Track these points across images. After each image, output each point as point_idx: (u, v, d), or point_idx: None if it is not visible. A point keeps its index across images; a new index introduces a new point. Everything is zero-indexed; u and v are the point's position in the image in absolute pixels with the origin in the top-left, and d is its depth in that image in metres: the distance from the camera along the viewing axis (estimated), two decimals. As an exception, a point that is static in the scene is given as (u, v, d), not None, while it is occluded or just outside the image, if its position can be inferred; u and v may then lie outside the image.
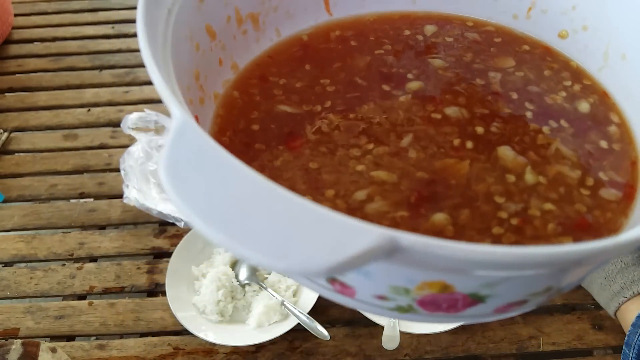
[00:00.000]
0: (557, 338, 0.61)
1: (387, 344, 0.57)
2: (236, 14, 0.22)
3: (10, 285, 0.70)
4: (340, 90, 0.22)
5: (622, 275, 0.56)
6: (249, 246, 0.13)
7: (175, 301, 0.61)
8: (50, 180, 0.83)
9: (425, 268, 0.16)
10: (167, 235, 0.74)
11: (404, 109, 0.22)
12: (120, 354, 0.62)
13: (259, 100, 0.22)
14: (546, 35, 0.24)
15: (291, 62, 0.23)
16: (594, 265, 0.20)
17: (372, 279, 0.17)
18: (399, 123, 0.21)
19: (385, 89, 0.22)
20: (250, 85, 0.22)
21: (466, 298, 0.17)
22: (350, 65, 0.23)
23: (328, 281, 0.18)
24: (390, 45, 0.24)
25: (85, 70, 1.06)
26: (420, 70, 0.24)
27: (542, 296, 0.19)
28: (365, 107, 0.22)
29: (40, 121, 0.94)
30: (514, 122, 0.22)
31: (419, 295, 0.17)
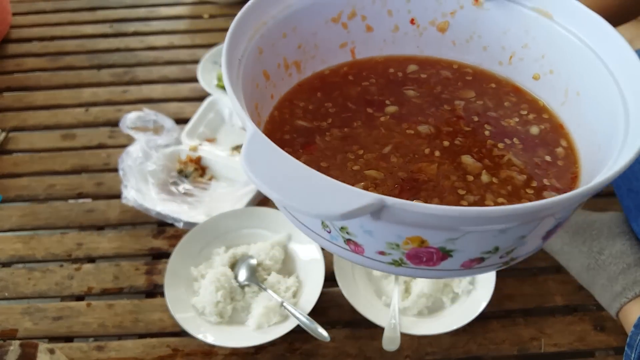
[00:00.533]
0: (558, 339, 0.60)
1: (388, 345, 0.56)
2: (284, 62, 0.31)
3: (8, 286, 0.69)
4: (338, 111, 0.31)
5: (624, 276, 0.56)
6: (294, 201, 0.21)
7: (174, 302, 0.61)
8: (48, 181, 0.83)
9: (406, 224, 0.23)
10: (166, 236, 0.74)
11: (384, 127, 0.29)
12: (119, 355, 0.61)
13: (288, 117, 0.30)
14: (523, 78, 0.31)
15: (310, 91, 0.31)
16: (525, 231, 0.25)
17: (374, 237, 0.24)
18: (380, 136, 0.29)
19: (369, 111, 0.30)
20: (284, 107, 0.31)
21: (438, 252, 0.24)
22: (346, 94, 0.31)
23: (345, 242, 0.25)
24: (375, 79, 0.32)
25: (83, 69, 1.05)
26: (396, 98, 0.31)
27: (493, 255, 0.26)
28: (355, 124, 0.30)
29: (38, 121, 0.94)
30: (474, 138, 0.29)
31: (406, 249, 0.24)
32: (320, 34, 0.31)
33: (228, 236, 0.68)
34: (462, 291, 0.62)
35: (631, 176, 0.57)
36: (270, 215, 0.69)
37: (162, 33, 1.14)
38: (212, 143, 0.84)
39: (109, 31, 1.15)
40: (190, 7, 1.21)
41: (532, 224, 0.24)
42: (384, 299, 0.62)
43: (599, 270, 0.58)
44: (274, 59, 0.30)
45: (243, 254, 0.66)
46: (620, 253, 0.57)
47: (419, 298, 0.61)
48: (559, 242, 0.61)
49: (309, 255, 0.65)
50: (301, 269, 0.65)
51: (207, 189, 0.76)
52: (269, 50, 0.29)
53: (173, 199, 0.74)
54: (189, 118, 0.86)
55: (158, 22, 1.17)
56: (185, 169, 0.80)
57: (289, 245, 0.67)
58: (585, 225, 0.61)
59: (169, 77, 1.02)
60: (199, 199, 0.74)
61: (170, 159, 0.80)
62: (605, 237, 0.59)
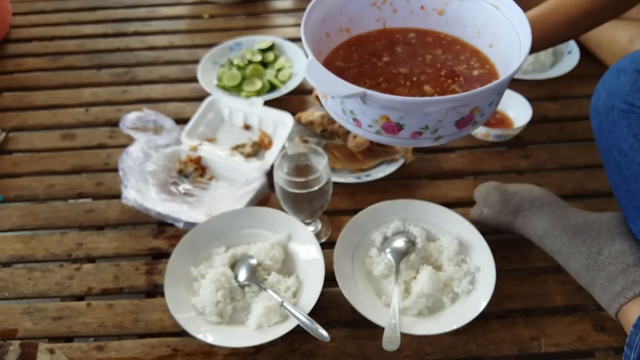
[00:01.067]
0: (558, 339, 0.60)
1: (388, 345, 0.56)
2: (339, 28, 0.49)
3: (8, 286, 0.69)
4: (359, 59, 0.48)
5: (623, 276, 0.56)
6: (325, 88, 0.38)
7: (174, 302, 0.61)
8: (48, 180, 0.83)
9: (379, 107, 0.39)
10: (166, 236, 0.74)
11: (380, 69, 0.47)
12: (119, 355, 0.61)
13: (333, 60, 0.48)
14: (483, 46, 0.49)
15: (348, 46, 0.49)
16: (440, 116, 0.41)
17: (365, 115, 0.41)
18: (377, 74, 0.47)
19: (373, 60, 0.48)
20: (333, 54, 0.48)
21: (396, 125, 0.41)
22: (365, 49, 0.49)
23: (353, 120, 0.42)
24: (383, 41, 0.50)
25: (83, 69, 1.05)
26: (390, 52, 0.49)
27: (426, 131, 0.41)
28: (365, 67, 0.48)
29: (38, 121, 0.94)
30: (434, 76, 0.46)
31: (381, 123, 0.41)
32: (363, 12, 0.49)
33: (228, 236, 0.68)
34: (462, 291, 0.62)
35: (630, 177, 0.57)
36: (270, 216, 0.69)
37: (162, 33, 1.14)
38: (212, 143, 0.84)
39: (109, 31, 1.15)
40: (190, 7, 1.22)
41: (439, 112, 0.40)
42: (383, 299, 0.62)
43: (598, 271, 0.58)
44: (333, 25, 0.48)
45: (243, 254, 0.66)
46: (620, 253, 0.57)
47: (419, 298, 0.61)
48: (558, 243, 0.61)
49: (309, 255, 0.65)
50: (301, 269, 0.65)
51: (207, 189, 0.76)
52: (330, 20, 0.48)
53: (173, 199, 0.74)
54: (189, 118, 0.86)
55: (158, 22, 1.17)
56: (185, 169, 0.79)
57: (289, 246, 0.67)
58: (585, 225, 0.61)
59: (169, 77, 1.02)
60: (199, 199, 0.74)
61: (170, 159, 0.80)
62: (605, 237, 0.59)
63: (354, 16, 0.48)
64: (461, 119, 0.39)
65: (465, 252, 0.66)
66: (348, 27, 0.48)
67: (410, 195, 0.76)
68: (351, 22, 0.48)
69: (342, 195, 0.77)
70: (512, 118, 0.85)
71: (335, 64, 0.46)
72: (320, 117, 0.81)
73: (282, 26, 1.13)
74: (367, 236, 0.68)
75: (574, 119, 0.88)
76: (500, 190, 0.66)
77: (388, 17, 0.49)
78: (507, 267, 0.67)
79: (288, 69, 0.98)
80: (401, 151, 0.79)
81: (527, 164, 0.81)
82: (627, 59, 0.58)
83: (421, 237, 0.66)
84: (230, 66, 0.99)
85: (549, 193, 0.65)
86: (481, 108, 0.40)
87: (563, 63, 0.95)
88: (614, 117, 0.57)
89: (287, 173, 0.64)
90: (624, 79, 0.57)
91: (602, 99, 0.59)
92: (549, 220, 0.62)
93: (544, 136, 0.85)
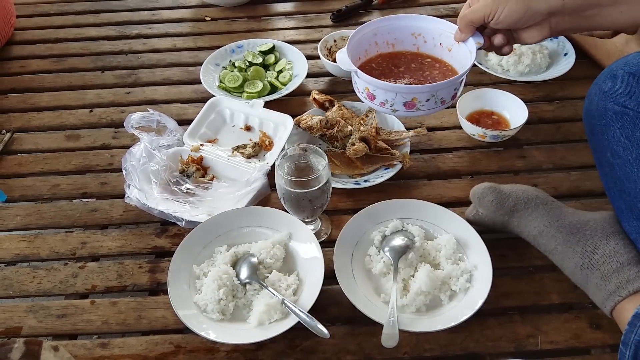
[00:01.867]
0: (555, 337, 0.61)
1: (387, 342, 0.57)
2: (386, 42, 0.69)
3: (13, 284, 0.70)
4: (383, 68, 0.67)
5: (617, 274, 0.57)
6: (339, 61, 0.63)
7: (177, 300, 0.62)
8: (52, 180, 0.84)
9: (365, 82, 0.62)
10: (169, 235, 0.75)
11: (392, 74, 0.67)
12: (122, 352, 0.62)
13: (366, 66, 0.67)
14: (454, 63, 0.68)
15: (380, 57, 0.69)
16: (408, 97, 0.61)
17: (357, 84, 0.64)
18: (391, 77, 0.66)
19: (391, 67, 0.68)
20: (368, 61, 0.68)
21: (372, 94, 0.62)
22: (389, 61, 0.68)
23: (367, 96, 0.63)
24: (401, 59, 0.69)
25: (87, 71, 1.06)
26: (407, 66, 0.68)
27: (387, 104, 0.62)
28: (383, 72, 0.67)
29: (42, 122, 0.95)
30: (417, 79, 0.66)
31: (365, 92, 0.63)
32: (404, 37, 0.69)
33: (229, 235, 0.69)
34: (459, 289, 0.63)
35: (623, 177, 0.58)
36: (271, 215, 0.70)
37: (165, 36, 1.15)
38: (213, 143, 0.86)
39: (113, 34, 1.16)
40: (192, 10, 1.23)
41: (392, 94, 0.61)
42: (382, 296, 0.63)
43: (593, 270, 0.58)
44: (382, 38, 0.69)
45: (244, 253, 0.67)
46: (614, 252, 0.58)
47: (417, 296, 0.62)
48: (552, 242, 0.62)
49: (309, 254, 0.66)
50: (301, 267, 0.66)
51: (208, 188, 0.78)
52: (379, 35, 0.69)
53: (175, 199, 0.75)
54: (191, 119, 0.87)
55: (161, 25, 1.18)
56: (187, 169, 0.81)
57: (289, 244, 0.68)
58: (579, 225, 0.62)
59: (172, 79, 1.03)
60: (201, 199, 0.75)
61: (172, 159, 0.81)
62: (599, 236, 0.60)
63: (398, 37, 0.69)
64: (406, 103, 0.62)
65: (462, 251, 0.67)
66: (393, 43, 0.70)
67: (408, 195, 0.77)
68: (395, 41, 0.69)
69: (342, 195, 0.78)
70: (508, 119, 0.87)
71: (370, 65, 0.68)
72: (319, 121, 0.82)
73: (282, 29, 1.15)
74: (366, 235, 0.69)
75: (570, 120, 0.89)
76: (495, 191, 0.67)
77: (420, 44, 0.70)
78: (503, 266, 0.68)
79: (288, 71, 0.99)
80: (399, 156, 0.81)
81: (524, 164, 0.82)
82: (620, 62, 0.59)
83: (419, 236, 0.67)
84: (232, 68, 1.01)
85: (544, 193, 0.66)
86: (419, 100, 0.62)
87: (559, 65, 0.97)
88: (607, 119, 0.58)
89: (287, 173, 0.65)
90: (616, 81, 0.58)
91: (595, 102, 0.60)
92: (544, 220, 0.63)
93: (540, 137, 0.86)
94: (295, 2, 1.23)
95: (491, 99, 0.88)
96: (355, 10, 1.17)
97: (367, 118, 0.86)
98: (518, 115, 0.85)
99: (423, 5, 1.19)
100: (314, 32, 1.12)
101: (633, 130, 0.56)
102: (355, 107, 0.90)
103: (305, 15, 1.19)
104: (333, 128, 0.83)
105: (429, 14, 1.15)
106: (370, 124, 0.84)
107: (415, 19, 0.68)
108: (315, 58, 1.02)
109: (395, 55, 0.68)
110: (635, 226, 0.58)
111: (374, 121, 0.85)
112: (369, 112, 0.87)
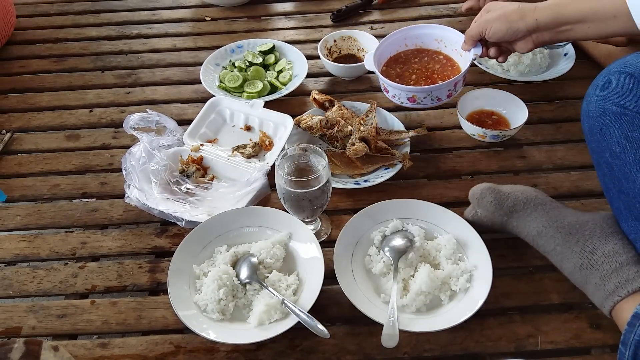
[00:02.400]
0: (555, 337, 0.61)
1: (387, 342, 0.57)
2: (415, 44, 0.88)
3: (13, 284, 0.70)
4: (404, 68, 0.86)
5: (616, 274, 0.57)
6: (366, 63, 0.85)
7: (177, 300, 0.62)
8: (52, 180, 0.84)
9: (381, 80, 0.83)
10: (169, 235, 0.75)
11: (404, 75, 0.86)
12: (122, 352, 0.62)
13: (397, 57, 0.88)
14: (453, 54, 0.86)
15: (409, 53, 0.88)
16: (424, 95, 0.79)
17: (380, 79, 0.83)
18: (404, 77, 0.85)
19: (397, 70, 0.86)
20: (387, 62, 0.87)
21: (386, 89, 0.82)
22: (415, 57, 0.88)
23: (384, 90, 0.83)
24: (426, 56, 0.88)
25: (87, 71, 1.06)
26: (422, 62, 0.87)
27: (396, 97, 0.81)
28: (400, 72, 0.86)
29: (42, 122, 0.95)
30: (426, 77, 0.84)
31: (383, 86, 0.83)
32: (430, 42, 0.87)
33: (229, 235, 0.69)
34: (459, 289, 0.63)
35: (622, 178, 0.58)
36: (271, 215, 0.70)
37: (165, 36, 1.15)
38: (213, 144, 0.86)
39: (113, 34, 1.16)
40: (192, 10, 1.23)
41: (399, 89, 0.80)
42: (382, 296, 0.63)
43: (592, 270, 0.58)
44: (410, 41, 0.87)
45: (244, 253, 0.67)
46: (613, 252, 0.58)
47: (417, 296, 0.62)
48: (552, 243, 0.62)
49: (309, 254, 0.66)
50: (301, 267, 0.66)
51: (208, 188, 0.78)
52: (409, 39, 0.87)
53: (175, 199, 0.75)
54: (191, 119, 0.87)
55: (161, 25, 1.18)
56: (187, 169, 0.81)
57: (289, 244, 0.68)
58: (578, 225, 0.62)
59: (172, 79, 1.03)
60: (201, 199, 0.75)
61: (172, 159, 0.81)
62: (598, 237, 0.60)
63: (425, 42, 0.87)
64: (409, 98, 0.79)
65: (462, 251, 0.67)
66: (420, 45, 0.87)
67: (408, 194, 0.77)
68: (422, 44, 0.87)
69: (342, 195, 0.78)
70: (508, 119, 0.87)
71: (399, 58, 0.87)
72: (319, 121, 0.82)
73: (282, 29, 1.15)
74: (366, 235, 0.69)
75: (570, 120, 0.89)
76: (494, 192, 0.67)
77: (442, 48, 0.86)
78: (503, 266, 0.68)
79: (288, 71, 0.99)
80: (399, 157, 0.81)
81: (524, 164, 0.82)
82: (618, 63, 0.59)
83: (419, 236, 0.67)
84: (232, 68, 1.01)
85: (543, 194, 0.66)
86: (418, 97, 0.78)
87: (559, 65, 0.97)
88: (606, 120, 0.58)
89: (287, 173, 0.65)
90: (615, 82, 0.58)
91: (594, 102, 0.60)
92: (543, 221, 0.63)
93: (540, 137, 0.87)
94: (295, 2, 1.23)
95: (491, 99, 0.88)
96: (355, 10, 1.17)
97: (367, 118, 0.86)
98: (518, 116, 0.85)
99: (423, 5, 1.19)
100: (314, 32, 1.12)
101: (632, 130, 0.56)
102: (355, 107, 0.90)
103: (305, 15, 1.19)
104: (333, 128, 0.83)
105: (429, 13, 1.16)
106: (370, 124, 0.84)
107: (439, 29, 0.85)
108: (315, 58, 1.02)
109: (421, 51, 0.87)
110: (634, 226, 0.58)
111: (374, 121, 0.85)
112: (369, 112, 0.87)
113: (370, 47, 1.01)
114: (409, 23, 1.13)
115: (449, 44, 0.84)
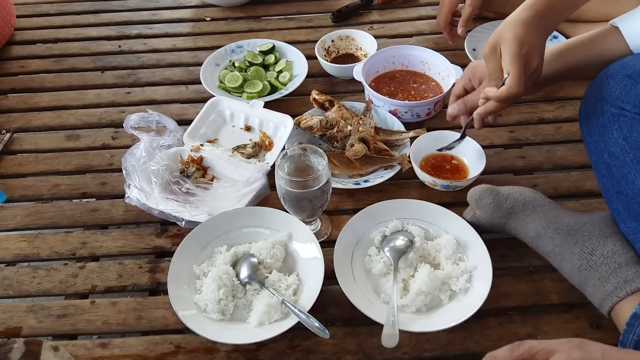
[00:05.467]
0: (555, 337, 0.61)
1: (387, 342, 0.57)
2: (402, 63, 0.98)
3: (13, 284, 0.70)
4: (395, 78, 0.96)
5: (615, 275, 0.57)
6: (355, 73, 0.92)
7: (177, 300, 0.62)
8: (52, 181, 0.84)
9: (367, 92, 0.91)
10: (169, 235, 0.75)
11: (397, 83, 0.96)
12: (122, 352, 0.62)
13: (386, 75, 0.97)
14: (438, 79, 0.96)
15: (395, 73, 0.97)
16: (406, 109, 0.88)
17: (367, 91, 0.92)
18: (393, 93, 0.94)
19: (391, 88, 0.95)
20: (377, 80, 0.96)
21: (371, 100, 0.91)
22: (402, 77, 0.97)
23: (369, 99, 0.92)
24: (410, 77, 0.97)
25: (87, 71, 1.06)
26: (408, 84, 0.96)
27: (379, 107, 0.90)
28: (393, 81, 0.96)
29: (42, 122, 0.95)
30: (413, 95, 0.92)
31: (369, 96, 0.92)
32: (416, 63, 0.96)
33: (229, 235, 0.69)
34: (459, 289, 0.63)
35: (620, 179, 0.58)
36: (271, 215, 0.70)
37: (165, 36, 1.15)
38: (213, 144, 0.86)
39: (113, 34, 1.16)
40: (192, 10, 1.23)
41: (382, 102, 0.88)
42: (382, 296, 0.63)
43: (591, 271, 0.58)
44: (398, 60, 0.97)
45: (244, 253, 0.67)
46: (612, 253, 0.58)
47: (417, 296, 0.62)
48: (550, 244, 0.62)
49: (309, 254, 0.66)
50: (301, 268, 0.66)
51: (208, 188, 0.78)
52: (396, 57, 0.96)
53: (175, 199, 0.75)
54: (191, 119, 0.87)
55: (161, 25, 1.18)
56: (187, 169, 0.81)
57: (289, 244, 0.68)
58: (577, 226, 0.61)
59: (172, 79, 1.03)
60: (201, 199, 0.75)
61: (172, 159, 0.81)
62: (597, 238, 0.60)
63: (411, 60, 0.96)
64: (390, 111, 0.87)
65: (462, 251, 0.67)
66: (407, 65, 0.96)
67: (408, 195, 0.77)
68: (409, 63, 0.96)
69: (342, 195, 0.78)
70: (468, 166, 0.78)
71: (386, 75, 0.95)
72: (319, 122, 0.82)
73: (282, 29, 1.15)
74: (366, 235, 0.69)
75: (570, 120, 0.89)
76: (492, 193, 0.66)
77: (426, 69, 0.95)
78: (503, 266, 0.68)
79: (288, 71, 0.99)
80: (398, 158, 0.81)
81: (524, 164, 0.82)
82: (617, 64, 0.59)
83: (419, 236, 0.67)
84: (232, 68, 1.01)
85: (541, 195, 0.66)
86: (399, 111, 0.87)
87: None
88: (604, 121, 0.58)
89: (287, 173, 0.65)
90: (613, 83, 0.58)
91: (592, 104, 0.60)
92: (542, 222, 0.63)
93: (540, 137, 0.87)
94: (295, 2, 1.23)
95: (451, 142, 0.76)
96: (355, 10, 1.17)
97: (364, 117, 0.86)
98: (475, 165, 0.76)
99: (423, 5, 1.19)
100: (314, 32, 1.12)
101: (630, 131, 0.56)
102: (355, 108, 0.90)
103: (305, 15, 1.19)
104: (333, 128, 0.83)
105: (429, 13, 1.16)
106: (369, 124, 0.84)
107: (425, 51, 0.94)
108: (315, 58, 1.02)
109: (408, 72, 0.96)
110: (633, 227, 0.58)
111: (372, 121, 0.85)
112: (366, 112, 0.87)
113: (368, 46, 1.02)
114: (409, 23, 1.14)
115: (434, 67, 0.94)
